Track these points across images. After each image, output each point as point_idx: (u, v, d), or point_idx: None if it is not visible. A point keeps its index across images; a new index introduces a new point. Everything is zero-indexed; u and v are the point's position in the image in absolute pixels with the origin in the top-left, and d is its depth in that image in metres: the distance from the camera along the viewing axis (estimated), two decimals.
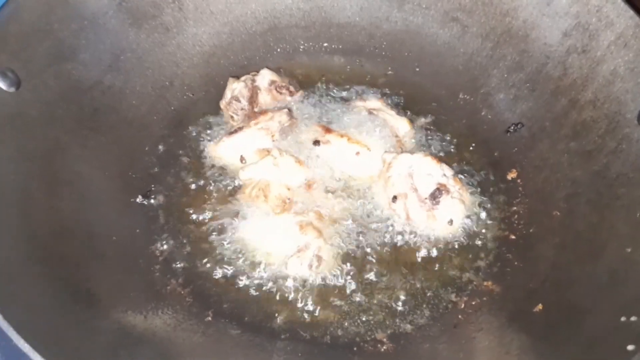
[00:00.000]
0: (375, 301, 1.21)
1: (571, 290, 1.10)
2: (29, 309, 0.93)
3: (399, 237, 1.30)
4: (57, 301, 0.99)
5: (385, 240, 1.30)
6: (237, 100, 1.41)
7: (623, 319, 0.94)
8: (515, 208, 1.34)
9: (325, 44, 1.65)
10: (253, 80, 1.45)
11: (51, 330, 0.92)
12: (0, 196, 1.05)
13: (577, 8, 1.34)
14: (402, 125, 1.45)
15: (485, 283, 1.24)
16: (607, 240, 1.11)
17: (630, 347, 0.88)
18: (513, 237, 1.30)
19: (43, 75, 1.23)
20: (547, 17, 1.40)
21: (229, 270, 1.24)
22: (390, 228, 1.31)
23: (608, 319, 0.97)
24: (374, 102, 1.49)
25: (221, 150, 1.37)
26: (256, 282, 1.22)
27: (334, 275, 1.24)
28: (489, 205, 1.36)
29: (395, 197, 1.30)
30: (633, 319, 0.93)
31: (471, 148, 1.47)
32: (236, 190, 1.35)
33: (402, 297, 1.22)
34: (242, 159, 1.35)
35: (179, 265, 1.25)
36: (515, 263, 1.25)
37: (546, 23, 1.40)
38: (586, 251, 1.13)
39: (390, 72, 1.62)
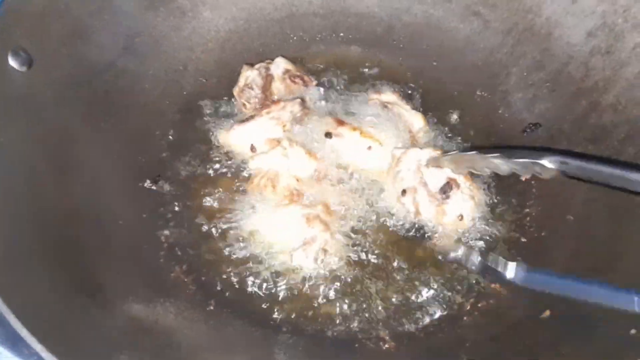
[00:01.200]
0: (379, 298, 1.20)
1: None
2: (31, 295, 0.92)
3: (408, 233, 1.29)
4: (61, 287, 0.99)
5: (393, 236, 1.28)
6: (250, 88, 1.40)
7: (633, 331, 0.92)
8: (528, 210, 1.32)
9: (343, 34, 1.63)
10: (267, 69, 1.43)
11: (53, 317, 0.92)
12: (9, 178, 1.04)
13: (603, 7, 1.30)
14: (416, 120, 1.43)
15: (492, 285, 1.21)
16: (623, 250, 1.08)
17: None
18: (524, 240, 1.28)
19: (56, 56, 1.22)
20: (571, 16, 1.36)
21: (234, 260, 1.23)
22: (399, 223, 1.30)
23: (618, 331, 0.95)
24: (389, 95, 1.47)
25: (232, 138, 1.36)
26: (261, 273, 1.21)
27: (339, 270, 1.22)
28: (500, 206, 1.33)
29: (404, 191, 1.28)
30: None
31: (486, 147, 1.43)
32: (245, 178, 1.34)
33: (407, 296, 1.20)
34: (252, 147, 1.34)
35: (183, 253, 1.24)
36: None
37: (570, 22, 1.37)
38: (601, 260, 1.11)
39: (407, 65, 1.59)
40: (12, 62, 1.12)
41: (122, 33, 1.37)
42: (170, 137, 1.41)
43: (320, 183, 1.31)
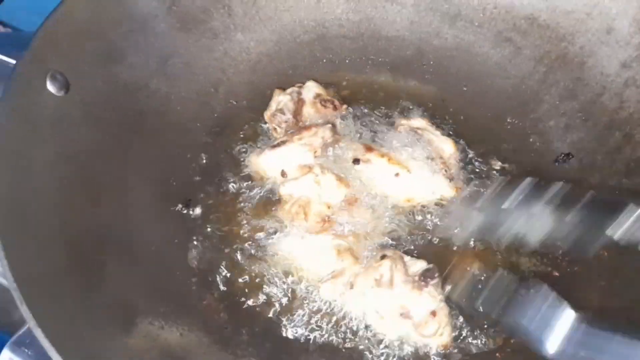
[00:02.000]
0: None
1: None
2: (63, 322, 0.93)
3: None
4: (92, 315, 0.99)
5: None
6: (282, 112, 1.40)
7: None
8: (560, 243, 1.30)
9: (373, 57, 1.62)
10: (299, 93, 1.43)
11: (84, 346, 0.93)
12: (40, 201, 1.05)
13: (638, 39, 1.29)
14: (447, 146, 1.41)
15: None
16: None
17: None
18: (556, 273, 1.26)
19: (91, 78, 1.23)
20: (606, 46, 1.35)
21: (265, 288, 1.23)
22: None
23: None
24: (418, 120, 1.46)
25: (263, 163, 1.36)
26: (292, 302, 1.21)
27: None
28: None
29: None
30: None
31: (516, 175, 1.41)
32: (276, 203, 1.34)
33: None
34: (283, 173, 1.34)
35: (214, 279, 1.24)
36: None
37: (604, 52, 1.36)
38: (634, 299, 1.10)
39: (437, 89, 1.58)
40: (50, 87, 1.13)
41: (155, 54, 1.37)
42: (202, 160, 1.41)
43: (351, 210, 1.30)
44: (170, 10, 1.38)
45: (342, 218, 1.29)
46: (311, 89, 1.45)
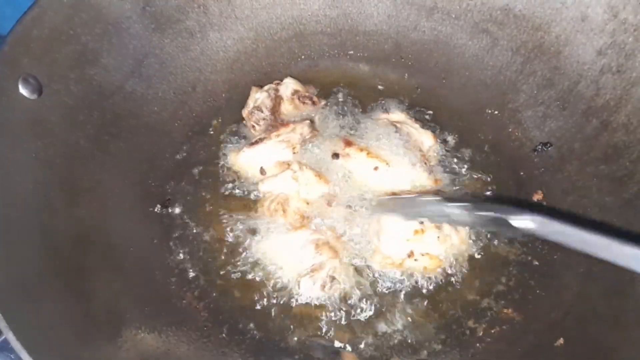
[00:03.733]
0: (390, 325, 1.19)
1: (595, 325, 1.07)
2: (41, 326, 0.93)
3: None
4: (70, 317, 0.99)
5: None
6: (260, 110, 1.39)
7: None
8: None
9: (351, 52, 1.62)
10: (276, 90, 1.43)
11: (62, 349, 0.92)
12: (19, 205, 1.05)
13: (613, 26, 1.29)
14: (426, 138, 1.42)
15: (505, 310, 1.21)
16: (636, 275, 1.06)
17: None
18: (536, 262, 1.26)
19: (65, 81, 1.22)
20: (581, 34, 1.35)
21: (245, 285, 1.23)
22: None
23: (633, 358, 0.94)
24: (397, 114, 1.47)
25: (241, 161, 1.36)
26: (271, 299, 1.21)
27: (347, 297, 1.22)
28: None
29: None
30: None
31: (495, 166, 1.43)
32: (255, 201, 1.34)
33: (418, 321, 1.19)
34: (262, 170, 1.34)
35: (194, 278, 1.24)
36: (537, 291, 1.22)
37: (580, 40, 1.35)
38: (613, 284, 1.10)
39: (416, 82, 1.58)
40: (23, 90, 1.12)
41: (130, 56, 1.36)
42: (180, 159, 1.41)
43: (329, 206, 1.30)
44: (145, 10, 1.37)
45: (320, 213, 1.29)
46: (289, 85, 1.44)
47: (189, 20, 1.45)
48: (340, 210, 1.30)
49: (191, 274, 1.24)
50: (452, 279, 1.24)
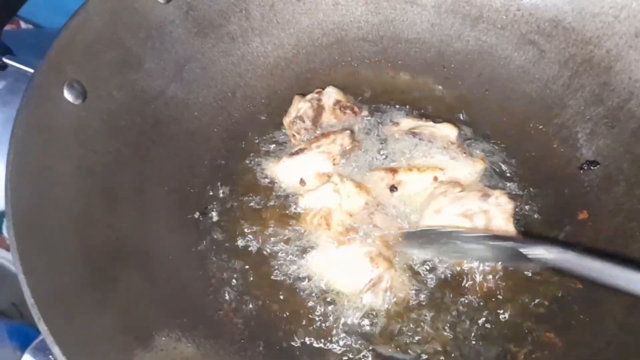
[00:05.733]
0: (426, 344, 1.17)
1: (637, 357, 1.03)
2: (81, 337, 0.93)
3: (456, 269, 1.25)
4: (109, 329, 0.99)
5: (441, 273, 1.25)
6: (302, 120, 1.38)
7: None
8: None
9: (392, 60, 1.59)
10: (319, 100, 1.41)
11: None
12: (58, 214, 1.04)
13: None
14: (449, 131, 1.40)
15: (547, 334, 1.18)
16: None
17: None
18: (580, 286, 1.23)
19: (108, 86, 1.22)
20: (634, 50, 1.31)
21: (282, 298, 1.22)
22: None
23: None
24: (407, 121, 1.44)
25: (281, 171, 1.35)
26: (315, 312, 1.20)
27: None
28: None
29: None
30: None
31: (539, 182, 1.39)
32: (295, 213, 1.32)
33: (456, 342, 1.17)
34: (302, 181, 1.32)
35: (232, 289, 1.23)
36: (581, 316, 1.18)
37: (633, 56, 1.31)
38: None
39: (458, 93, 1.55)
40: (68, 96, 1.12)
41: (172, 60, 1.36)
42: (219, 166, 1.39)
43: (372, 216, 1.28)
44: (187, 15, 1.36)
45: (365, 224, 1.27)
46: (331, 95, 1.42)
47: (230, 24, 1.44)
48: (385, 218, 1.28)
49: (228, 284, 1.23)
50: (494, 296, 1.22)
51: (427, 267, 1.24)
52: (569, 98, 1.42)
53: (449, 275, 1.23)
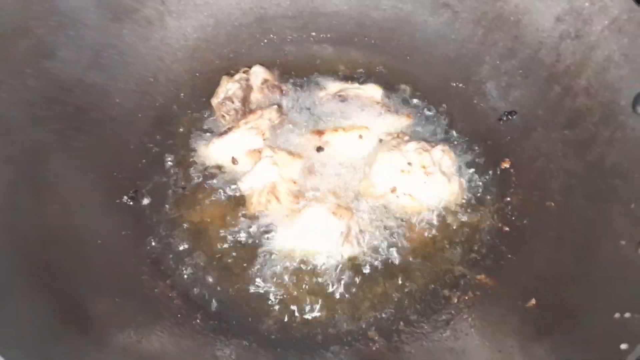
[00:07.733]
0: (366, 297, 1.19)
1: (565, 286, 1.08)
2: (16, 328, 0.91)
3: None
4: (43, 316, 0.97)
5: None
6: (231, 101, 1.38)
7: (617, 315, 0.93)
8: (508, 199, 1.32)
9: (314, 34, 1.61)
10: (247, 80, 1.42)
11: (37, 348, 0.91)
12: None
13: None
14: (374, 91, 1.46)
15: (478, 277, 1.21)
16: (602, 235, 1.09)
17: (623, 346, 0.86)
18: (507, 229, 1.28)
19: (22, 75, 1.20)
20: (539, 2, 1.36)
21: (216, 271, 1.22)
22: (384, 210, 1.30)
23: (602, 317, 0.96)
24: (333, 85, 1.48)
25: (212, 152, 1.35)
26: (246, 282, 1.20)
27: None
28: (481, 194, 1.34)
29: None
30: (627, 315, 0.92)
31: (463, 137, 1.44)
32: (230, 193, 1.32)
33: (393, 292, 1.20)
34: (233, 160, 1.32)
35: (166, 267, 1.23)
36: (509, 256, 1.23)
37: (538, 7, 1.37)
38: (581, 247, 1.12)
39: (380, 61, 1.58)
40: None
41: (88, 47, 1.34)
42: (146, 150, 1.38)
43: (312, 176, 1.30)
44: (100, 1, 1.35)
45: (310, 185, 1.30)
46: (259, 74, 1.43)
47: (146, 8, 1.44)
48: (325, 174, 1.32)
49: (163, 263, 1.23)
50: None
51: None
52: (484, 55, 1.47)
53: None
